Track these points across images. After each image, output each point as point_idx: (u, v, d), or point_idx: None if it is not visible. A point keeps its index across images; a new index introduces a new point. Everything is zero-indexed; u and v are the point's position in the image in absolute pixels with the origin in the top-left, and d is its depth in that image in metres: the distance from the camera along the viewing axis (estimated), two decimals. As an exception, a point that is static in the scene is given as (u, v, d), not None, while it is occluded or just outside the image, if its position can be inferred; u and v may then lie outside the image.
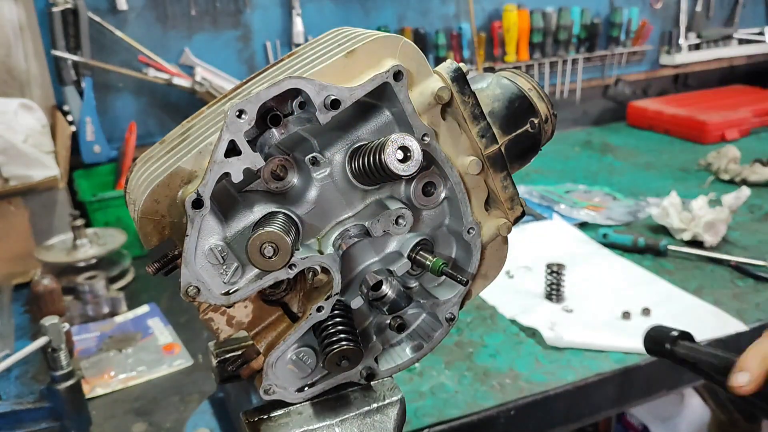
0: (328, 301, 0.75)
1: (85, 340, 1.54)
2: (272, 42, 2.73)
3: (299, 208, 0.73)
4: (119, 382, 1.37)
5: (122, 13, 2.48)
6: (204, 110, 0.78)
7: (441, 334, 0.83)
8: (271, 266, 0.66)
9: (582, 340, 1.41)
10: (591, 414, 1.35)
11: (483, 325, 1.52)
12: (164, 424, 1.24)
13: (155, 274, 0.73)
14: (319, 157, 0.72)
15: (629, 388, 1.37)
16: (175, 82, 2.48)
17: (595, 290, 1.66)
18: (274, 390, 0.78)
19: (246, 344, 0.91)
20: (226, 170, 0.64)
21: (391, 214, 0.73)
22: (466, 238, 0.78)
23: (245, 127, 0.64)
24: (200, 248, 0.68)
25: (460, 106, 0.74)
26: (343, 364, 0.75)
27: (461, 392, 1.27)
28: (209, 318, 0.75)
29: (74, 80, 2.36)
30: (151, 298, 1.73)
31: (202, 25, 2.61)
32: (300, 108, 0.69)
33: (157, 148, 0.77)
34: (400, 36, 0.73)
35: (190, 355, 1.46)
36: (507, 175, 0.77)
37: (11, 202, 1.85)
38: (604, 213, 2.14)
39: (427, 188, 0.77)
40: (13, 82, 2.10)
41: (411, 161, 0.67)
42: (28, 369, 1.42)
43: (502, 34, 3.01)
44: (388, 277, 0.78)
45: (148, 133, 2.55)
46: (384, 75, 0.69)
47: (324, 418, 0.79)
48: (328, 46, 0.75)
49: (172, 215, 0.70)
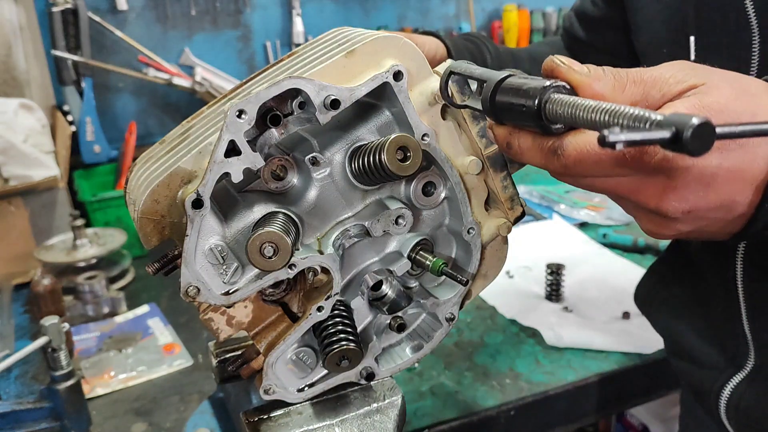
0: (328, 301, 0.75)
1: (85, 340, 1.54)
2: (272, 42, 2.74)
3: (299, 208, 0.73)
4: (119, 382, 1.37)
5: (122, 13, 2.48)
6: (204, 110, 0.78)
7: (441, 334, 0.83)
8: (271, 266, 0.66)
9: (582, 340, 1.41)
10: (591, 414, 1.35)
11: (483, 325, 1.52)
12: (164, 424, 1.24)
13: (155, 274, 0.73)
14: (319, 157, 0.72)
15: (629, 388, 1.38)
16: (175, 82, 2.48)
17: (595, 290, 1.66)
18: (274, 390, 0.78)
19: (246, 344, 0.91)
20: (226, 170, 0.64)
21: (391, 214, 0.73)
22: (466, 238, 0.78)
23: (245, 127, 0.64)
24: (200, 248, 0.68)
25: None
26: (343, 364, 0.75)
27: (461, 392, 1.27)
28: (209, 318, 0.75)
29: (74, 80, 2.36)
30: (151, 298, 1.73)
31: (202, 25, 2.61)
32: (300, 108, 0.69)
33: (157, 148, 0.77)
34: (400, 36, 0.73)
35: (190, 355, 1.46)
36: (507, 175, 0.77)
37: (11, 202, 1.85)
38: (604, 213, 2.14)
39: (427, 188, 0.77)
40: (13, 82, 2.10)
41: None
42: (28, 369, 1.42)
43: (502, 34, 3.01)
44: (388, 277, 0.78)
45: (148, 133, 2.56)
46: (384, 75, 0.69)
47: (324, 418, 0.79)
48: (328, 46, 0.75)
49: (172, 215, 0.70)
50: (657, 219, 0.61)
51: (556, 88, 0.55)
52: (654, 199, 0.57)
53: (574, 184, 0.62)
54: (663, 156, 0.54)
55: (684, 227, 0.60)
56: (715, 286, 0.96)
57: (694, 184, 0.56)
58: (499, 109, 0.60)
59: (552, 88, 0.55)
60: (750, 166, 0.57)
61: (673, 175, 0.55)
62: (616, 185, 0.59)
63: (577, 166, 0.56)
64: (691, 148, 0.42)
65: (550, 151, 0.57)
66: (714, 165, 0.55)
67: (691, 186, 0.56)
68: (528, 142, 0.60)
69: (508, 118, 0.60)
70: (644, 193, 0.58)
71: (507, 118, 0.60)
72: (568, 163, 0.56)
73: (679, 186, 0.56)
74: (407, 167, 0.68)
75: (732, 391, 0.93)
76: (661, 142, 0.43)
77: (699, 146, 0.42)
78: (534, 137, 0.59)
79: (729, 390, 0.94)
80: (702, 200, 0.57)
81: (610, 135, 0.43)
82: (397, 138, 0.67)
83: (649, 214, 0.61)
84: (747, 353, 0.92)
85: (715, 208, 0.58)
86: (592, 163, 0.56)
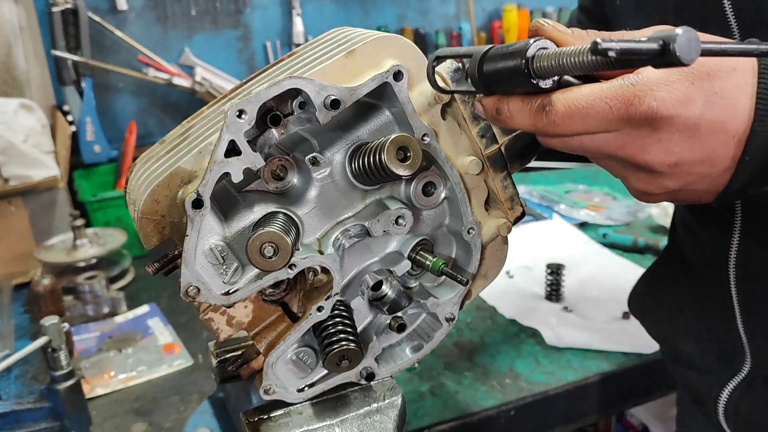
0: (328, 301, 0.75)
1: (85, 340, 1.54)
2: (272, 42, 2.74)
3: (299, 208, 0.73)
4: (119, 382, 1.37)
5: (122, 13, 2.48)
6: (204, 110, 0.78)
7: (441, 334, 0.83)
8: (271, 266, 0.66)
9: (582, 340, 1.41)
10: (591, 414, 1.35)
11: (483, 325, 1.52)
12: (164, 424, 1.24)
13: (155, 274, 0.73)
14: (319, 157, 0.72)
15: (629, 388, 1.37)
16: (175, 82, 2.48)
17: (595, 290, 1.66)
18: (274, 390, 0.78)
19: (246, 344, 0.91)
20: (226, 170, 0.64)
21: (391, 214, 0.73)
22: (466, 238, 0.78)
23: (245, 127, 0.64)
24: (200, 248, 0.68)
25: (460, 106, 0.75)
26: (343, 364, 0.75)
27: (461, 392, 1.27)
28: (209, 318, 0.75)
29: (74, 80, 2.36)
30: (151, 298, 1.73)
31: (202, 25, 2.61)
32: (300, 108, 0.69)
33: (157, 148, 0.77)
34: (400, 36, 0.73)
35: (190, 355, 1.46)
36: (507, 175, 0.77)
37: (11, 202, 1.85)
38: (604, 213, 2.14)
39: (427, 188, 0.77)
40: (13, 82, 2.10)
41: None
42: (28, 369, 1.42)
43: (502, 34, 3.02)
44: (388, 277, 0.78)
45: (148, 133, 2.56)
46: (384, 75, 0.69)
47: (324, 418, 0.79)
48: (328, 46, 0.75)
49: (172, 215, 0.70)
50: (644, 176, 0.62)
51: (541, 44, 0.56)
52: (640, 152, 0.59)
53: (564, 147, 0.63)
54: (648, 106, 0.55)
55: (671, 183, 0.61)
56: (709, 288, 0.96)
57: (679, 134, 0.57)
58: (487, 78, 0.60)
59: (538, 44, 0.56)
60: (731, 118, 0.58)
61: (657, 125, 0.57)
62: (604, 141, 0.59)
63: (566, 122, 0.57)
64: (680, 55, 0.43)
65: (539, 109, 0.58)
66: (697, 115, 0.56)
67: (676, 137, 0.57)
68: (517, 104, 0.60)
69: (498, 85, 0.61)
70: (631, 146, 0.59)
71: (497, 86, 0.61)
72: (557, 119, 0.57)
73: (664, 137, 0.57)
74: (407, 167, 0.68)
75: (729, 396, 0.93)
76: (651, 53, 0.44)
77: (686, 54, 0.43)
78: (522, 99, 0.60)
79: (726, 395, 0.93)
80: (687, 152, 0.58)
81: (603, 42, 0.44)
82: (397, 138, 0.67)
83: (637, 171, 0.62)
84: (743, 357, 0.91)
85: (700, 161, 0.59)
86: (580, 118, 0.56)
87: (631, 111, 0.55)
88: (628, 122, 0.57)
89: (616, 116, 0.56)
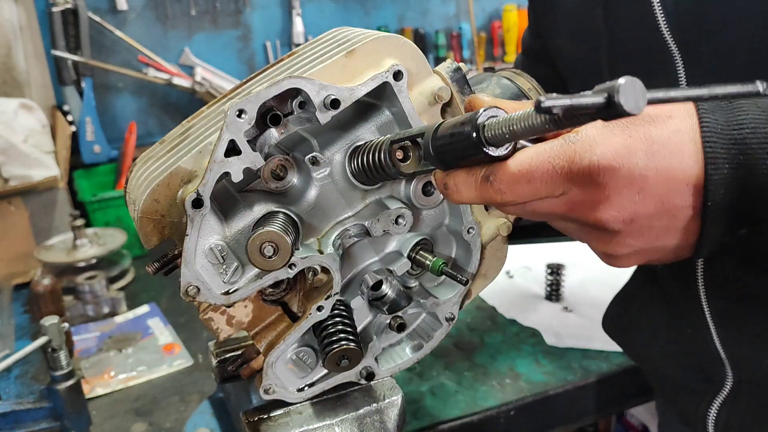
0: (328, 300, 0.75)
1: (85, 340, 1.54)
2: (272, 42, 2.74)
3: (299, 207, 0.73)
4: (119, 382, 1.37)
5: (122, 13, 2.48)
6: (204, 110, 0.78)
7: (441, 333, 0.83)
8: (271, 266, 0.66)
9: (582, 340, 1.41)
10: (591, 414, 1.35)
11: (483, 325, 1.52)
12: (164, 424, 1.24)
13: (155, 273, 0.73)
14: (319, 157, 0.72)
15: (629, 388, 1.37)
16: (175, 82, 2.48)
17: (595, 290, 1.66)
18: (274, 390, 0.78)
19: (246, 344, 0.91)
20: (226, 170, 0.64)
21: (391, 213, 0.73)
22: (466, 238, 0.78)
23: (245, 127, 0.64)
24: (200, 248, 0.68)
25: (460, 106, 0.75)
26: (343, 363, 0.75)
27: (461, 392, 1.27)
28: (209, 318, 0.75)
29: (74, 80, 2.36)
30: (151, 298, 1.73)
31: (202, 25, 2.61)
32: (300, 108, 0.69)
33: (157, 148, 0.77)
34: (400, 36, 0.73)
35: (190, 355, 1.46)
36: (507, 175, 0.77)
37: (11, 202, 1.85)
38: (604, 213, 2.13)
39: (427, 188, 0.77)
40: (13, 82, 2.10)
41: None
42: (28, 369, 1.42)
43: (502, 34, 3.02)
44: (388, 276, 0.78)
45: (148, 133, 2.56)
46: (384, 75, 0.69)
47: (324, 417, 0.79)
48: (328, 46, 0.75)
49: (172, 215, 0.70)
50: (604, 236, 0.59)
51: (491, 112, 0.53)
52: (592, 211, 0.56)
53: (522, 214, 0.61)
54: (589, 161, 0.53)
55: (634, 241, 0.59)
56: (681, 306, 0.94)
57: (626, 188, 0.55)
58: (441, 154, 0.58)
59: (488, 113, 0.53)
60: (680, 165, 0.56)
61: (602, 181, 0.54)
62: (553, 205, 0.57)
63: (512, 188, 0.55)
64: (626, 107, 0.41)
65: (483, 180, 0.56)
66: (641, 165, 0.54)
67: (624, 191, 0.55)
68: (461, 176, 0.58)
69: (453, 160, 0.58)
70: (581, 206, 0.56)
71: (451, 161, 0.58)
72: (503, 187, 0.55)
73: (611, 193, 0.55)
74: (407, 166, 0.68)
75: (718, 413, 0.91)
76: (597, 106, 0.42)
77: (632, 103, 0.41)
78: (467, 171, 0.57)
79: (714, 412, 0.91)
80: (640, 206, 0.56)
81: (547, 100, 0.42)
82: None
83: (596, 233, 0.60)
84: (724, 372, 0.89)
85: (657, 213, 0.57)
86: (526, 182, 0.54)
87: (574, 168, 0.53)
88: (573, 181, 0.54)
89: (560, 176, 0.54)
